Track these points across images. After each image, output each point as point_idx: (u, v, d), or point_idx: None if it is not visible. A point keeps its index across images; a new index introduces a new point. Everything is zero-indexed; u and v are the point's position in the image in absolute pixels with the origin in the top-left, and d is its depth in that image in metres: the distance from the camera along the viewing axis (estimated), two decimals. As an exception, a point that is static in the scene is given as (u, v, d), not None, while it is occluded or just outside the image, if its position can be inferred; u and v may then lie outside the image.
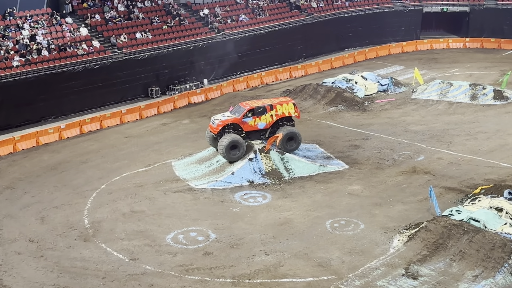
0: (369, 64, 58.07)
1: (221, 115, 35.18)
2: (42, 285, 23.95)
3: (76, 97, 44.85)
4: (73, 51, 46.09)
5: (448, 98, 46.18)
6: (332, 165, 34.64)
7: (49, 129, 40.60)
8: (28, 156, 37.82)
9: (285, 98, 36.95)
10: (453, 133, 39.41)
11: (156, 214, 29.61)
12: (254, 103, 35.21)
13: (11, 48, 44.24)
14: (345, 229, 27.81)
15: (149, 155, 37.16)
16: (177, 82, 50.43)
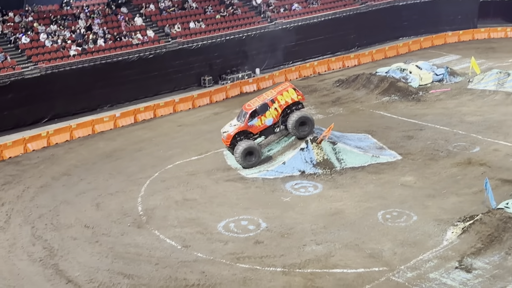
0: (424, 53, 57.05)
1: (228, 125, 34.26)
2: (96, 270, 24.52)
3: (131, 86, 45.58)
4: (128, 41, 46.80)
5: (506, 88, 44.95)
6: (385, 156, 34.28)
7: (105, 118, 41.40)
8: (84, 143, 38.68)
9: (284, 85, 35.33)
10: (510, 124, 38.40)
11: (208, 202, 29.91)
12: (254, 102, 34.14)
13: (68, 38, 45.23)
14: (397, 221, 27.52)
15: (201, 144, 37.50)
16: (230, 71, 50.65)
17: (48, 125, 41.45)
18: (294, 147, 33.79)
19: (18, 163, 35.74)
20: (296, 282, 23.14)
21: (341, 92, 46.26)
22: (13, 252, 26.09)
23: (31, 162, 35.87)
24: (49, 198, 30.96)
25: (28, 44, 43.70)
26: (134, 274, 24.10)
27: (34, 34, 44.60)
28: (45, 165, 35.47)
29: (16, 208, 30.07)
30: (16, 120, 40.77)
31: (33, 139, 38.07)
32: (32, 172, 34.46)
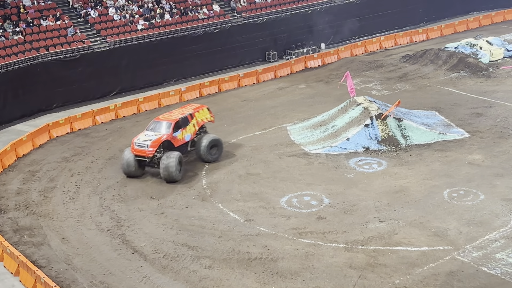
0: (495, 28, 55.27)
1: (144, 135, 30.41)
2: (162, 241, 25.06)
3: (197, 60, 45.96)
4: (194, 15, 47.13)
5: None
6: (452, 133, 33.55)
7: (171, 92, 41.95)
8: (150, 117, 39.13)
9: (196, 104, 33.51)
10: None
11: (271, 177, 30.03)
12: (172, 115, 31.51)
13: (136, 12, 45.88)
14: (464, 199, 26.99)
15: (265, 119, 37.58)
16: (294, 46, 50.40)
17: (116, 98, 42.35)
18: (359, 123, 33.45)
19: (87, 135, 36.71)
20: (359, 259, 23.06)
21: (408, 68, 45.40)
22: (81, 222, 26.94)
23: (100, 135, 36.77)
24: (116, 170, 31.70)
25: (97, 18, 44.58)
26: (198, 246, 24.52)
27: (103, 8, 45.45)
28: (113, 137, 36.29)
29: (85, 179, 30.97)
30: (85, 93, 41.81)
31: (101, 111, 38.99)
32: (101, 144, 35.34)
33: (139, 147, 29.88)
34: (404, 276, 22.02)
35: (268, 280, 22.17)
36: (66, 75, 40.86)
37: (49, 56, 40.35)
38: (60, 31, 42.43)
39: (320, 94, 41.75)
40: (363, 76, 44.37)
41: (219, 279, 22.41)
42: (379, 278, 21.96)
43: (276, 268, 22.80)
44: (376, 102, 35.04)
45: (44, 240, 25.53)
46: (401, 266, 22.57)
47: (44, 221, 27.05)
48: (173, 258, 23.85)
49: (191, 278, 22.61)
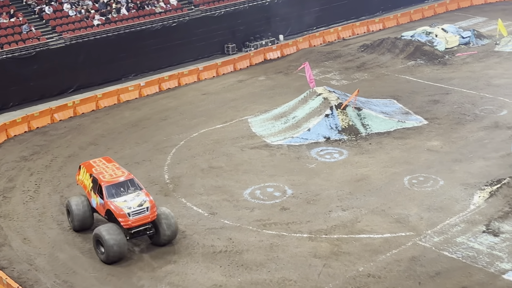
0: (450, 16, 56.10)
1: (124, 201, 23.39)
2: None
3: (155, 55, 45.58)
4: (151, 9, 46.72)
5: (534, 50, 44.28)
6: (411, 121, 34.03)
7: (130, 87, 41.56)
8: (110, 113, 38.95)
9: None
10: (539, 87, 37.87)
11: (234, 170, 30.05)
12: (114, 172, 24.67)
13: (91, 8, 45.27)
14: (424, 186, 27.43)
15: (226, 112, 37.54)
16: (253, 38, 50.37)
17: (74, 95, 41.74)
18: (319, 114, 33.67)
19: (46, 133, 36.16)
20: (323, 248, 23.27)
21: (366, 57, 45.82)
22: (43, 221, 26.56)
23: (58, 132, 36.26)
24: (77, 168, 31.25)
25: (52, 14, 43.84)
26: (162, 241, 24.39)
27: (58, 4, 44.72)
28: (72, 135, 35.84)
29: (45, 178, 30.52)
30: (43, 91, 41.08)
31: (59, 109, 38.42)
32: (60, 142, 34.86)
33: (139, 215, 23.19)
34: (368, 263, 22.31)
35: (233, 272, 22.23)
36: (22, 73, 40.07)
37: (4, 54, 39.56)
38: (14, 29, 41.61)
39: (280, 85, 41.87)
40: (322, 67, 44.63)
41: (184, 273, 22.38)
42: (343, 266, 22.21)
43: (242, 260, 22.86)
44: (335, 92, 35.31)
45: (5, 241, 25.11)
46: (365, 254, 22.86)
47: (4, 222, 26.59)
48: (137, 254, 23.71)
49: (156, 273, 22.52)
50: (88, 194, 24.95)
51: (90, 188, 24.56)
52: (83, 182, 25.32)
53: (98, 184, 23.87)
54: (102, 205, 23.88)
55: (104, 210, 23.86)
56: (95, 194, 24.19)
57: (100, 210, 24.21)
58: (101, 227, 23.14)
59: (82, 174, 25.48)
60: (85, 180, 25.13)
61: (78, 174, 25.94)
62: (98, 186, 23.87)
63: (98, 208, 24.41)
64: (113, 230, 22.86)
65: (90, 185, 24.62)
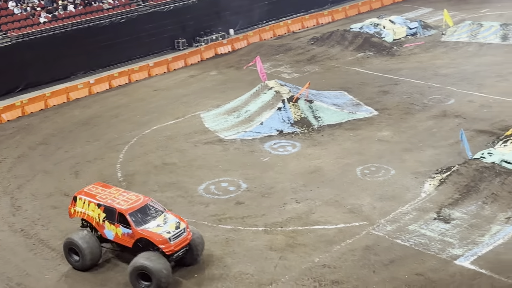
0: (397, 7, 56.97)
1: (157, 226, 21.66)
2: (79, 237, 24.53)
3: (104, 51, 45.00)
4: (99, 6, 46.08)
5: (479, 39, 45.29)
6: (361, 112, 34.46)
7: (79, 85, 40.96)
8: (59, 112, 38.31)
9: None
10: (484, 75, 38.77)
11: (188, 166, 29.93)
12: (129, 197, 22.61)
13: (37, 5, 44.38)
14: (376, 175, 27.83)
15: (178, 108, 37.34)
16: (203, 33, 50.20)
17: (21, 94, 40.88)
18: (271, 107, 33.80)
19: (-7, 135, 35.39)
20: (278, 240, 23.40)
21: (316, 50, 46.16)
22: (-7, 224, 26.02)
23: (7, 133, 35.48)
24: (27, 168, 30.76)
25: (-4, 12, 42.87)
26: (117, 240, 24.16)
27: (3, 2, 43.70)
28: (21, 135, 35.12)
29: (-6, 180, 29.90)
30: (-12, 91, 40.22)
31: (7, 109, 37.61)
32: (8, 143, 34.13)
33: (178, 238, 21.52)
34: (323, 254, 22.54)
35: (190, 269, 22.16)
36: (-33, 73, 39.15)
37: None
38: (-43, 27, 40.59)
39: (231, 80, 41.85)
40: (273, 60, 44.77)
41: (140, 271, 22.19)
42: (299, 257, 22.38)
43: (198, 256, 22.81)
44: (287, 85, 35.50)
45: (-46, 246, 24.51)
46: (320, 244, 23.08)
47: (-48, 226, 25.95)
48: (92, 254, 23.43)
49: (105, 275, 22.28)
50: (97, 226, 22.23)
51: (102, 219, 21.97)
52: (86, 214, 22.45)
53: (117, 212, 21.57)
54: (128, 235, 21.51)
55: (131, 240, 21.52)
56: (113, 224, 21.74)
57: (124, 240, 21.71)
58: (145, 258, 20.70)
59: (83, 205, 22.57)
60: (89, 212, 22.33)
61: (73, 206, 22.89)
62: (118, 215, 21.57)
63: (120, 239, 21.83)
64: (156, 257, 20.80)
65: (100, 216, 22.02)
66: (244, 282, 21.30)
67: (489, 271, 21.06)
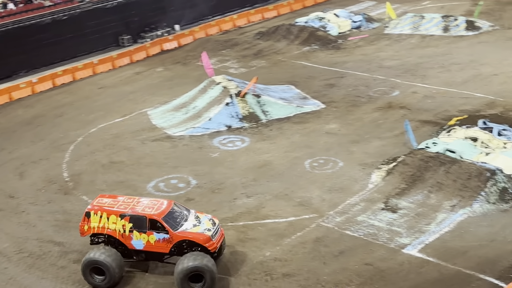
0: (341, 1, 57.37)
1: (193, 226, 21.47)
2: (25, 239, 24.04)
3: (46, 50, 44.05)
4: (40, 3, 45.11)
5: (421, 31, 46.14)
6: (309, 105, 34.71)
7: (21, 84, 40.04)
8: (1, 112, 37.39)
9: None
10: (427, 66, 39.54)
11: (136, 164, 29.63)
12: (153, 201, 22.17)
13: (-25, 3, 43.24)
14: (324, 168, 28.09)
15: (124, 105, 36.90)
16: (148, 29, 49.69)
17: (-39, 95, 39.76)
18: (219, 102, 33.73)
19: None
20: (229, 236, 23.36)
21: (262, 45, 46.24)
22: None
23: None
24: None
25: None
26: (65, 241, 23.78)
27: None
28: (-38, 137, 34.19)
29: None
30: None
31: None
32: (-51, 145, 33.17)
33: (217, 233, 21.66)
34: (274, 247, 22.65)
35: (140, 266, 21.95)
36: None
37: None
38: None
39: (178, 76, 41.58)
40: (220, 55, 44.66)
41: (90, 272, 21.89)
42: (250, 252, 22.44)
43: (148, 254, 22.60)
44: (234, 81, 35.48)
45: None
46: (271, 238, 23.18)
47: None
48: (39, 256, 22.99)
49: (60, 274, 21.95)
50: (122, 238, 21.26)
51: (129, 229, 21.12)
52: (107, 228, 21.35)
53: (148, 220, 20.89)
54: (165, 240, 20.97)
55: (168, 245, 21.03)
56: (144, 233, 21.00)
57: (159, 247, 21.11)
58: (195, 259, 20.29)
59: (99, 220, 21.44)
60: (110, 225, 21.30)
61: (86, 222, 21.60)
62: (149, 222, 20.93)
63: (153, 247, 21.14)
64: (205, 257, 20.52)
65: (126, 227, 21.13)
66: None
67: (436, 258, 21.54)
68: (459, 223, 23.40)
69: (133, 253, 21.58)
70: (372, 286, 20.45)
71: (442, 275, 20.71)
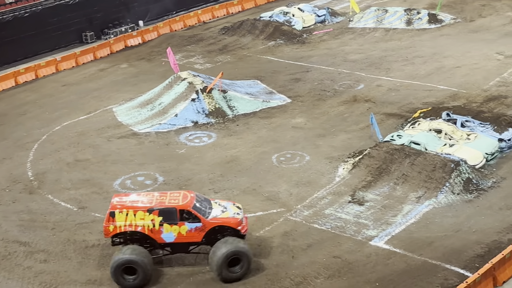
0: (305, -5, 57.67)
1: (218, 208, 21.97)
2: (-10, 241, 23.70)
3: (8, 47, 43.35)
4: (1, 0, 44.28)
5: (384, 24, 46.57)
6: (275, 100, 34.78)
7: (-18, 83, 39.37)
8: (-38, 112, 36.74)
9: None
10: (391, 60, 39.95)
11: (101, 162, 29.35)
12: (174, 193, 22.26)
13: None
14: (291, 162, 28.20)
15: (89, 102, 36.50)
16: (112, 25, 49.18)
17: None
18: (185, 98, 33.60)
19: None
20: (197, 232, 23.33)
21: (227, 40, 46.14)
22: None
23: None
24: None
25: None
26: (30, 241, 23.47)
27: None
28: None
29: None
30: None
31: None
32: None
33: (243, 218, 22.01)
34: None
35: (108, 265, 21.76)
36: None
37: None
38: None
39: (143, 72, 41.27)
40: (185, 51, 44.44)
41: (56, 271, 21.67)
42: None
43: (116, 253, 22.43)
44: (200, 76, 35.37)
45: None
46: (239, 233, 23.16)
47: None
48: (4, 257, 22.67)
49: (26, 274, 21.66)
50: (151, 233, 21.01)
51: (159, 223, 20.95)
52: (135, 224, 20.98)
53: (179, 211, 20.88)
54: (197, 229, 21.04)
55: (201, 234, 21.10)
56: (175, 224, 20.95)
57: (191, 237, 21.16)
58: (231, 244, 20.61)
59: (126, 218, 21.02)
60: (138, 222, 20.98)
61: (111, 222, 21.11)
62: (180, 213, 20.91)
63: (184, 238, 21.14)
64: (239, 240, 20.96)
65: (156, 221, 20.94)
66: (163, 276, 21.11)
67: (402, 249, 21.81)
68: (425, 214, 23.73)
69: (160, 247, 21.37)
70: (340, 278, 20.62)
71: (408, 266, 20.98)
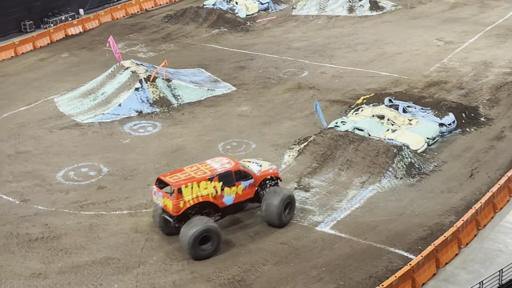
0: (248, -17, 57.56)
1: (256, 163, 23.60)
2: None
3: None
4: None
5: (327, 12, 47.01)
6: (220, 88, 34.71)
7: None
8: None
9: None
10: (334, 47, 40.36)
11: (43, 153, 28.77)
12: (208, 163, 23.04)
13: None
14: (237, 150, 28.23)
15: (29, 93, 35.68)
16: (51, 14, 48.11)
17: None
18: (129, 88, 33.18)
19: None
20: (144, 222, 23.17)
21: (170, 28, 45.75)
22: None
23: None
24: None
25: None
26: (-29, 236, 22.87)
27: None
28: None
29: None
30: None
31: None
32: None
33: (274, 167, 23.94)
34: (190, 231, 22.56)
35: (53, 258, 21.41)
36: None
37: None
38: None
39: (85, 61, 40.54)
40: (127, 40, 43.86)
41: (-1, 267, 21.19)
42: (164, 238, 22.28)
43: (60, 245, 22.07)
44: (143, 65, 34.98)
45: None
46: (186, 223, 23.07)
47: None
48: None
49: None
50: (215, 199, 21.72)
51: (221, 188, 21.75)
52: (201, 195, 21.38)
53: (233, 172, 22.02)
54: (251, 185, 22.53)
55: (253, 189, 22.63)
56: (233, 186, 22.02)
57: (246, 194, 22.53)
58: (281, 192, 22.54)
59: (191, 191, 21.24)
60: (203, 192, 21.42)
61: (180, 198, 21.08)
62: (235, 175, 22.06)
63: (241, 197, 22.38)
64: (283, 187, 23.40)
65: (217, 187, 21.68)
66: (112, 267, 20.90)
67: (348, 234, 22.14)
68: (369, 199, 24.14)
69: (218, 212, 22.22)
70: (287, 264, 20.80)
71: (354, 250, 21.31)
